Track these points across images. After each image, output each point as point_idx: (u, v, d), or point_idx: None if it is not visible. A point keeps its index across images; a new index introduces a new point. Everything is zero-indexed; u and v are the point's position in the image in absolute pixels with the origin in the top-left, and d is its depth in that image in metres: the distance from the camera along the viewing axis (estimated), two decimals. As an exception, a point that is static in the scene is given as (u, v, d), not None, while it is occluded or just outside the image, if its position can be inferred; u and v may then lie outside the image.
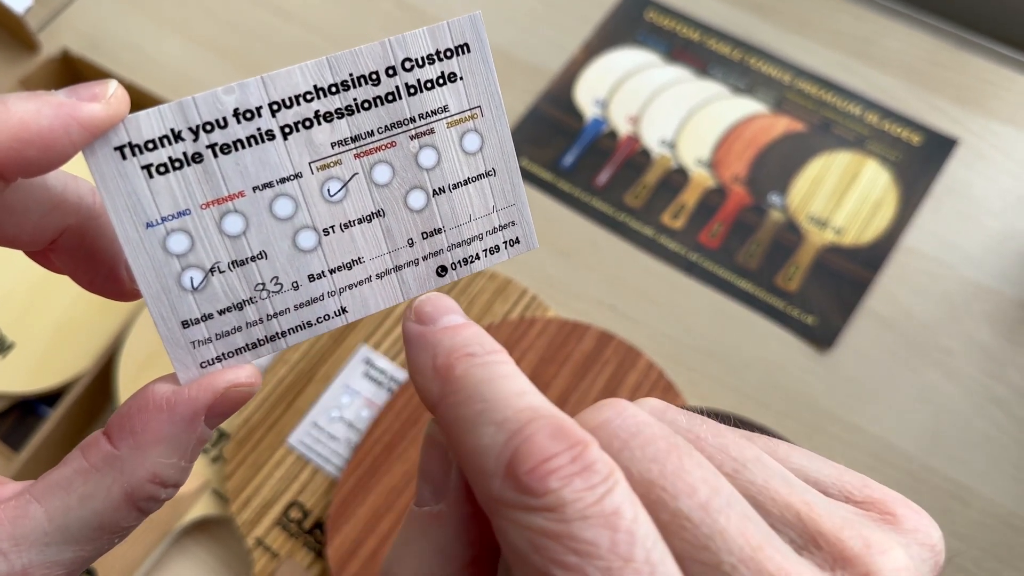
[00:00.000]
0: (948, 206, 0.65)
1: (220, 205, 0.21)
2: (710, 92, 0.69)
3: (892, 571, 0.15)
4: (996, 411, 0.58)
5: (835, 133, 0.67)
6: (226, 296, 0.21)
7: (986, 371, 0.60)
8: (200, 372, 0.21)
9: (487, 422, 0.16)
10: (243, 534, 0.52)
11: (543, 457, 0.15)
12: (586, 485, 0.15)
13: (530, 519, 0.15)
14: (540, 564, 0.15)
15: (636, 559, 0.14)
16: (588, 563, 0.14)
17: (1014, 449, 0.57)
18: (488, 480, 0.16)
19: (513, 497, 0.15)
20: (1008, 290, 0.62)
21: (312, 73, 0.21)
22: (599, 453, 0.15)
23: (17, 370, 0.59)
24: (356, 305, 0.23)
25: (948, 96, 0.70)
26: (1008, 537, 0.55)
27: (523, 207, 0.24)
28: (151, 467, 0.20)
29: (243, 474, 0.53)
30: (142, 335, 0.59)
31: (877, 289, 0.62)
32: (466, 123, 0.23)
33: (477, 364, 0.18)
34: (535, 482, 0.15)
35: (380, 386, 0.56)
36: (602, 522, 0.15)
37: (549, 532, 0.15)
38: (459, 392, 0.17)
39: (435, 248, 0.23)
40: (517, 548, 0.15)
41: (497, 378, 0.17)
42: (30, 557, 0.19)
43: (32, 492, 0.20)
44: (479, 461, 0.16)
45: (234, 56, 0.73)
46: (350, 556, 0.50)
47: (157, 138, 0.20)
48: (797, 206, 0.64)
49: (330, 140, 0.22)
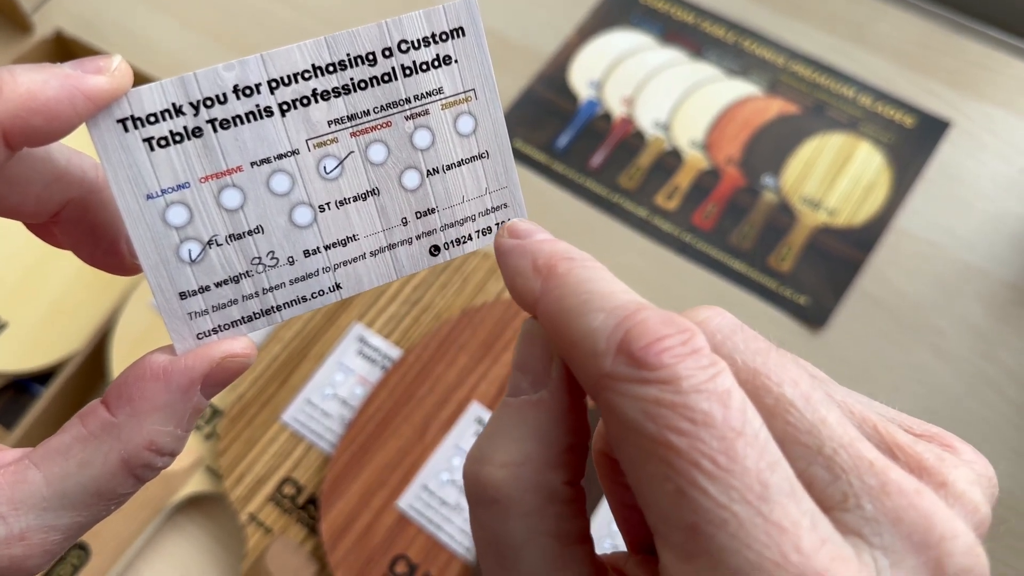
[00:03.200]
0: (940, 188, 0.65)
1: (218, 179, 0.21)
2: (704, 74, 0.69)
3: (966, 482, 0.17)
4: (987, 390, 0.59)
5: (828, 115, 0.67)
6: (223, 269, 0.22)
7: (977, 351, 0.60)
8: (196, 343, 0.22)
9: (596, 309, 0.17)
10: (236, 510, 0.52)
11: (657, 336, 0.16)
12: (698, 365, 0.16)
13: (645, 391, 0.16)
14: (655, 431, 0.16)
15: (747, 433, 0.15)
16: (703, 430, 0.15)
17: (1005, 428, 0.58)
18: (599, 359, 0.17)
19: (627, 372, 0.16)
20: (999, 271, 0.63)
21: (311, 52, 0.21)
22: (705, 341, 0.17)
23: (10, 349, 0.59)
24: (350, 281, 0.23)
25: (941, 79, 0.70)
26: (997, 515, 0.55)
27: (515, 189, 0.24)
28: (148, 434, 0.20)
29: (236, 451, 0.53)
30: (135, 315, 0.59)
31: (869, 270, 0.62)
32: (460, 105, 0.23)
33: (578, 265, 0.19)
34: (651, 357, 0.16)
35: (374, 364, 0.56)
36: (715, 397, 0.16)
37: (664, 402, 0.16)
38: (563, 287, 0.19)
39: (428, 228, 0.24)
40: (630, 419, 0.16)
41: (598, 278, 0.19)
42: (28, 521, 0.19)
43: (31, 458, 0.20)
44: (589, 343, 0.17)
45: (227, 37, 0.73)
46: (343, 531, 0.50)
47: (159, 112, 0.21)
48: (790, 188, 0.64)
49: (327, 118, 0.22)
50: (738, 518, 0.15)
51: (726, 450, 0.15)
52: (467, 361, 0.55)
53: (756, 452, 0.15)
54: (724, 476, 0.15)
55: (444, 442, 0.53)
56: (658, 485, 0.16)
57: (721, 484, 0.15)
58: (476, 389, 0.55)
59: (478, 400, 0.54)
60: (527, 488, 0.19)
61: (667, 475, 0.15)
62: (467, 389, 0.55)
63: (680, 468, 0.15)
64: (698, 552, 0.15)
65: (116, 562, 0.51)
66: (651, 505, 0.16)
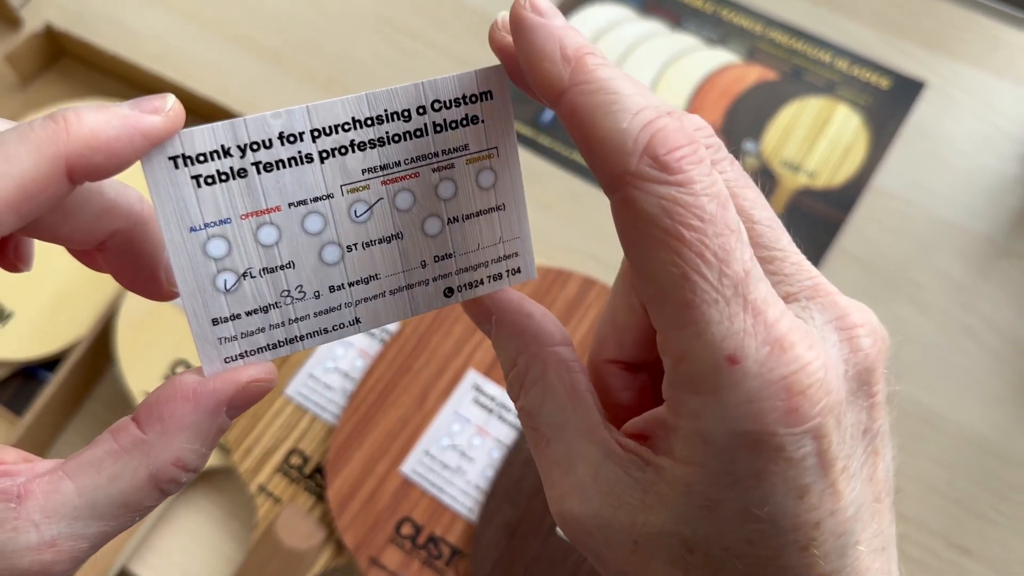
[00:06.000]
0: (917, 147, 0.67)
1: (258, 217, 0.23)
2: (684, 44, 0.71)
3: (858, 309, 0.22)
4: (967, 341, 0.61)
5: (806, 80, 0.69)
6: (254, 299, 0.23)
7: (957, 303, 0.62)
8: (224, 367, 0.23)
9: (623, 110, 0.20)
10: (246, 482, 0.54)
11: (677, 145, 0.19)
12: (706, 172, 0.19)
13: (665, 190, 0.19)
14: (669, 225, 0.19)
15: (738, 231, 0.19)
16: (707, 226, 0.19)
17: (984, 376, 0.60)
18: (626, 157, 0.19)
19: (651, 172, 0.19)
20: (976, 225, 0.65)
21: (352, 106, 0.23)
22: (707, 153, 0.20)
23: (17, 338, 0.61)
24: (369, 317, 0.25)
25: (916, 40, 0.71)
26: (980, 460, 0.57)
27: (526, 240, 0.26)
28: (175, 452, 0.22)
29: (243, 425, 0.55)
30: (136, 302, 0.60)
31: (849, 229, 0.64)
32: (483, 161, 0.25)
33: (601, 63, 0.21)
34: (673, 162, 0.19)
35: (373, 337, 0.58)
36: (718, 200, 0.19)
37: (680, 201, 0.19)
38: (592, 82, 0.20)
39: (445, 271, 0.25)
40: (649, 213, 0.19)
41: (620, 76, 0.21)
42: (59, 529, 0.20)
43: (64, 469, 0.21)
44: (618, 141, 0.20)
45: (215, 27, 0.74)
46: (350, 497, 0.52)
47: (208, 152, 0.22)
48: (771, 152, 0.66)
49: (362, 167, 0.23)
50: (725, 297, 0.19)
51: (723, 244, 0.19)
52: (462, 332, 0.57)
53: (742, 247, 0.19)
54: (720, 265, 0.19)
55: (443, 409, 0.55)
56: (665, 270, 0.19)
57: (716, 271, 0.19)
58: (472, 358, 0.56)
59: (474, 368, 0.56)
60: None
61: (675, 262, 0.19)
62: (463, 358, 0.56)
63: (687, 257, 0.19)
64: (690, 322, 0.19)
65: (131, 536, 0.53)
66: (655, 286, 0.20)
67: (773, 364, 0.19)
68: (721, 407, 0.19)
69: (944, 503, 0.56)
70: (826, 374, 0.19)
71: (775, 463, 0.19)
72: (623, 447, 0.22)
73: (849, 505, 0.20)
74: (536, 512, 0.52)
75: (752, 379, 0.19)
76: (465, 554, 0.51)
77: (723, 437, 0.19)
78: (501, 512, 0.52)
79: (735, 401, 0.19)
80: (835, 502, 0.20)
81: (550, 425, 0.24)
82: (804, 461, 0.19)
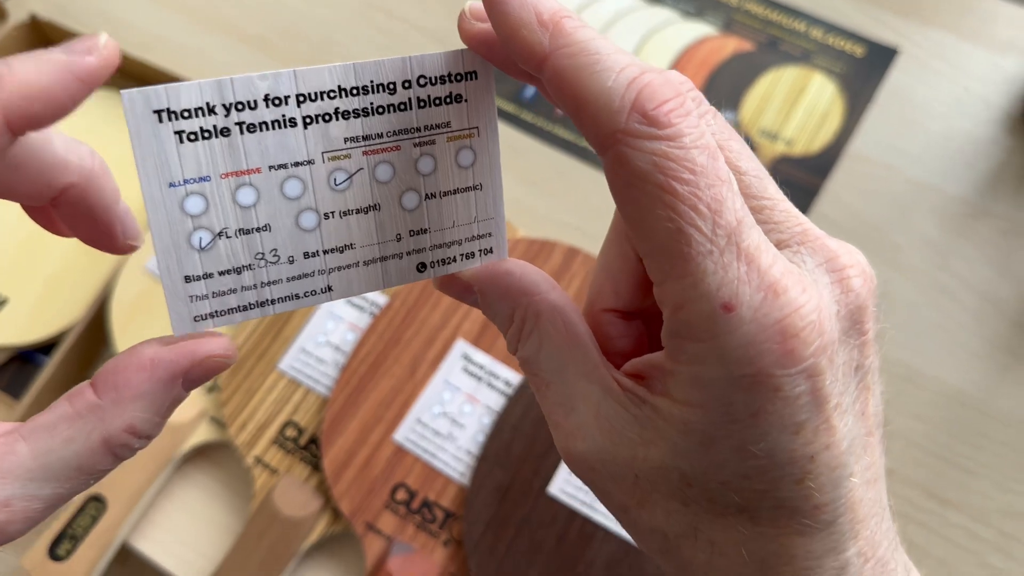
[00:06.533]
0: (891, 112, 0.68)
1: (238, 177, 0.23)
2: (661, 18, 0.72)
3: (847, 251, 0.22)
4: (943, 299, 0.62)
5: (782, 50, 0.70)
6: (228, 259, 0.23)
7: (934, 263, 0.63)
8: (193, 325, 0.23)
9: (607, 68, 0.20)
10: (242, 455, 0.55)
11: (664, 99, 0.19)
12: (693, 124, 0.20)
13: (656, 145, 0.19)
14: (662, 180, 0.19)
15: (729, 181, 0.20)
16: (699, 178, 0.19)
17: (960, 333, 0.61)
18: (615, 115, 0.20)
19: (640, 128, 0.19)
20: (951, 187, 0.66)
21: (339, 75, 0.23)
22: (693, 104, 0.20)
23: (13, 323, 0.62)
24: (341, 286, 0.25)
25: (889, 7, 0.73)
26: (958, 414, 0.59)
27: (500, 221, 0.26)
28: (128, 419, 0.22)
29: (238, 400, 0.56)
30: (129, 281, 0.61)
31: (827, 194, 0.65)
32: (463, 140, 0.25)
33: (579, 25, 0.21)
34: (662, 116, 0.19)
35: (362, 311, 0.59)
36: (707, 152, 0.19)
37: (671, 155, 0.19)
38: (572, 44, 0.20)
39: (419, 246, 0.25)
40: (640, 170, 0.19)
41: (598, 37, 0.21)
42: (13, 490, 0.21)
43: (20, 432, 0.22)
44: (604, 100, 0.20)
45: (200, 15, 0.75)
46: (344, 466, 0.54)
47: (193, 108, 0.22)
48: (749, 121, 0.67)
49: (344, 135, 0.24)
50: (720, 247, 0.19)
51: (715, 195, 0.19)
52: (450, 303, 0.58)
53: (733, 196, 0.20)
54: (712, 216, 0.19)
55: (434, 378, 0.56)
56: (661, 225, 0.20)
57: (710, 222, 0.19)
58: (460, 328, 0.58)
59: (463, 338, 0.57)
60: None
61: (670, 217, 0.19)
62: (452, 328, 0.58)
63: (681, 211, 0.19)
64: (686, 273, 0.20)
65: (131, 512, 0.54)
66: (651, 241, 0.20)
67: (768, 309, 0.19)
68: (719, 352, 0.20)
69: (924, 456, 0.58)
70: (819, 316, 0.20)
71: (771, 402, 0.20)
72: (621, 385, 0.23)
73: (843, 439, 0.21)
74: (526, 475, 0.53)
75: (748, 324, 0.19)
76: (458, 517, 0.53)
77: (721, 380, 0.20)
78: (492, 475, 0.53)
79: (732, 346, 0.19)
80: (829, 436, 0.20)
81: (549, 369, 0.24)
82: (799, 399, 0.20)
